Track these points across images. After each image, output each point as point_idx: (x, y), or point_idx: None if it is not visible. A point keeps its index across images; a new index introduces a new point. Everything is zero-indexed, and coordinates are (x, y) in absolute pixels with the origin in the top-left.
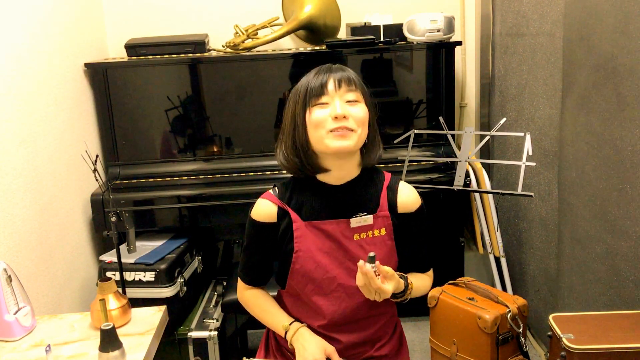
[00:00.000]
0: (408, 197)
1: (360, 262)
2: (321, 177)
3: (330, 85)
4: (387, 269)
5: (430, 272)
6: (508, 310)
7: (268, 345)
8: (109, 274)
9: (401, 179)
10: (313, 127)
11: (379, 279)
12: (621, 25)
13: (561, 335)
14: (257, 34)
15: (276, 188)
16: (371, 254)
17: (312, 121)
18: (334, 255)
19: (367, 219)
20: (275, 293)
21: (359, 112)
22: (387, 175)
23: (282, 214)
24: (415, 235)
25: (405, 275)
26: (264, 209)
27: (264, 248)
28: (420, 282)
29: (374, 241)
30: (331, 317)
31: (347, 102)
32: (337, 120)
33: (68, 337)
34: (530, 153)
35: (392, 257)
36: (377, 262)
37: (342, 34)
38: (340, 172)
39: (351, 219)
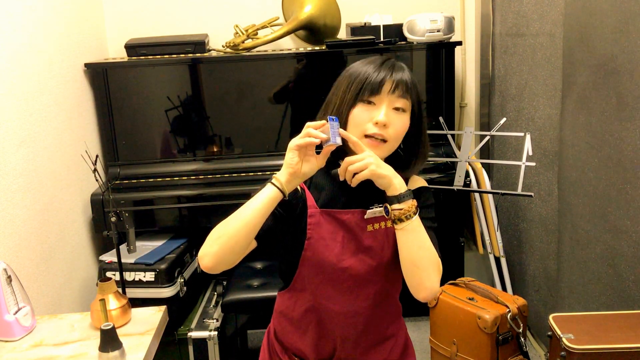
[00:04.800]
0: (413, 183)
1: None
2: None
3: (386, 87)
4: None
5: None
6: (508, 310)
7: (270, 349)
8: (109, 274)
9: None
10: (353, 124)
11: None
12: (621, 25)
13: (561, 335)
14: (257, 34)
15: None
16: (333, 117)
17: (354, 118)
18: (347, 246)
19: (382, 211)
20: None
21: (400, 123)
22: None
23: (302, 193)
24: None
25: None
26: None
27: (276, 212)
28: (427, 236)
29: (387, 232)
30: (340, 307)
31: (394, 109)
32: (377, 126)
33: (68, 337)
34: (530, 153)
35: None
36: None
37: (342, 34)
38: None
39: (368, 210)
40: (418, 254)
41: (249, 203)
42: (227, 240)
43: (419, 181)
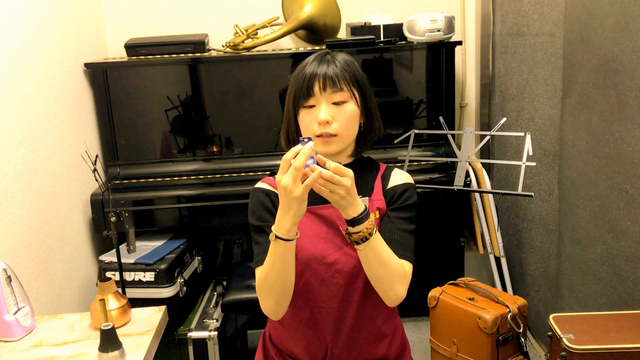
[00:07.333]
0: (398, 177)
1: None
2: None
3: (316, 87)
4: (335, 164)
5: (408, 265)
6: (508, 310)
7: (266, 352)
8: (108, 274)
9: (396, 167)
10: (303, 129)
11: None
12: (621, 25)
13: (561, 336)
14: (257, 33)
15: (274, 176)
16: (305, 138)
17: (302, 124)
18: (331, 241)
19: (363, 201)
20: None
21: (344, 115)
22: (383, 166)
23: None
24: (395, 211)
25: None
26: (267, 184)
27: (272, 219)
28: (388, 252)
29: None
30: (329, 304)
31: (334, 104)
32: (321, 126)
33: (68, 337)
34: (531, 153)
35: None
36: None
37: (342, 34)
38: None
39: None
40: (378, 271)
41: (271, 262)
42: (280, 291)
43: (403, 176)
